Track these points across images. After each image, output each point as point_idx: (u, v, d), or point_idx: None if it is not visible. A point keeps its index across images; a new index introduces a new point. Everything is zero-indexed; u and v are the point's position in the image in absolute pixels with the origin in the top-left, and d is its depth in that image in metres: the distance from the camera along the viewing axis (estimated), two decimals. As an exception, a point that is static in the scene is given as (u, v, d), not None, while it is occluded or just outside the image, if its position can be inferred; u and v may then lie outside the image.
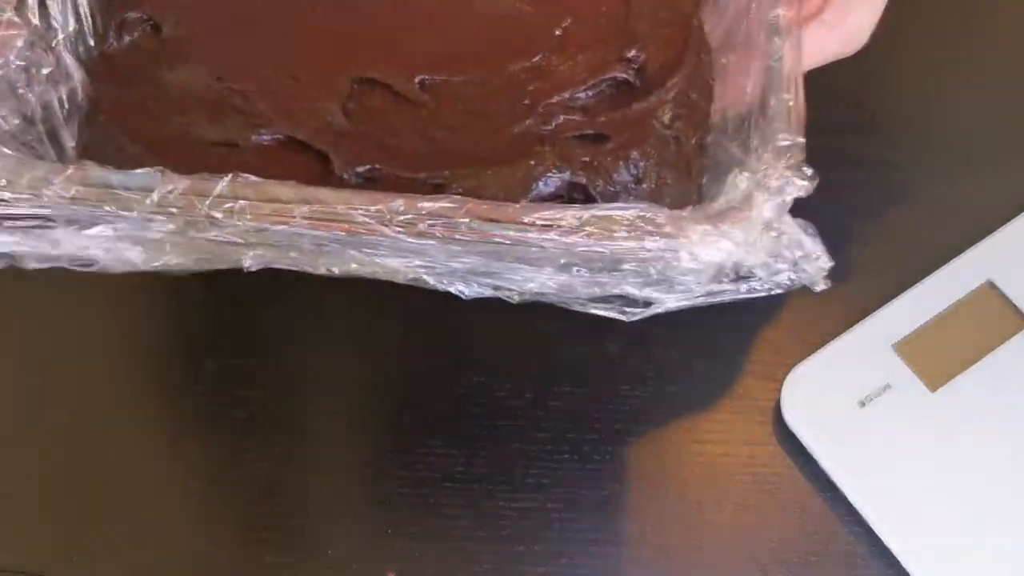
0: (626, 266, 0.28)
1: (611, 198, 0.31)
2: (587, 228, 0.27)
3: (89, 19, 0.36)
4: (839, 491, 0.45)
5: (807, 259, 0.30)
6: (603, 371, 0.48)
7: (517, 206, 0.28)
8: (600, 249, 0.27)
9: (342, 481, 0.47)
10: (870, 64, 0.56)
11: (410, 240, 0.27)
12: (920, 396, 0.46)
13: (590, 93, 0.33)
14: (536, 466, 0.46)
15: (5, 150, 0.29)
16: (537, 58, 0.34)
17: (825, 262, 0.30)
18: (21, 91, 0.32)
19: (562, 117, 0.33)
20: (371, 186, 0.32)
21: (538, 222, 0.27)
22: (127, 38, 0.36)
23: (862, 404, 0.46)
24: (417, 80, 0.34)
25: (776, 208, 0.28)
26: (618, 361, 0.48)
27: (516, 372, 0.48)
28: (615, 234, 0.27)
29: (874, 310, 0.48)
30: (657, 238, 0.27)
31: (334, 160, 0.33)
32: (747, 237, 0.27)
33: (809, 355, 0.47)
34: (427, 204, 0.28)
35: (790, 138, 0.29)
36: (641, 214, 0.27)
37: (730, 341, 0.50)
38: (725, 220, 0.27)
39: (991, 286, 0.48)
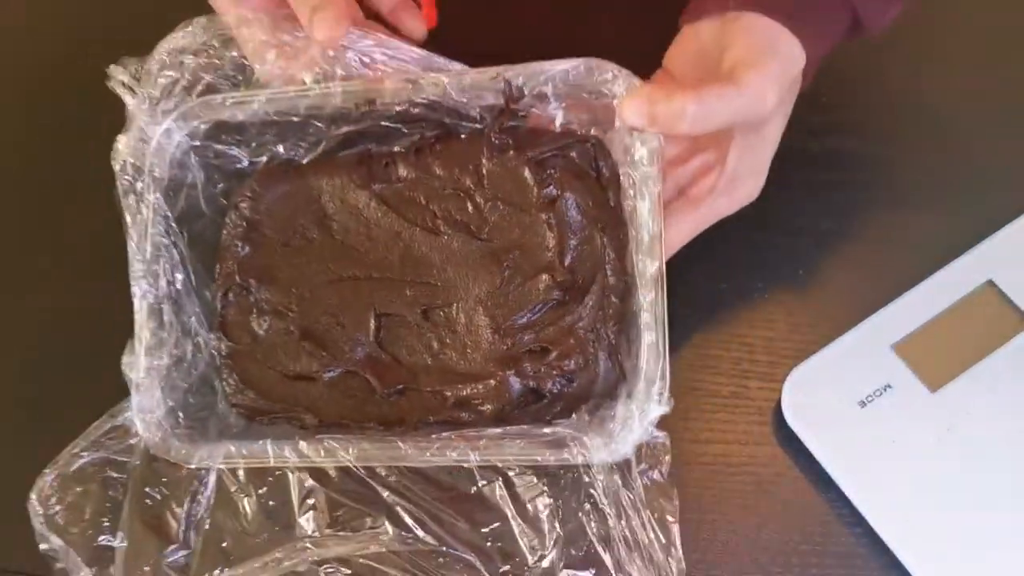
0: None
1: (557, 395, 0.44)
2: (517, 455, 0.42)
3: (199, 295, 0.48)
4: (839, 491, 0.45)
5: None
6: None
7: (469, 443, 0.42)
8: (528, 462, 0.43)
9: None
10: (871, 65, 0.56)
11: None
12: (920, 396, 0.46)
13: (536, 311, 0.46)
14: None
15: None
16: (497, 283, 0.46)
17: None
18: (179, 379, 0.45)
19: (517, 336, 0.45)
20: (400, 399, 0.46)
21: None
22: (229, 302, 0.48)
23: (862, 404, 0.46)
24: (419, 310, 0.47)
25: (644, 428, 0.40)
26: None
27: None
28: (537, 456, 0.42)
29: (874, 310, 0.48)
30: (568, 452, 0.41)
31: (375, 385, 0.46)
32: (622, 447, 0.41)
33: (809, 356, 0.47)
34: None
35: (655, 377, 0.40)
36: (564, 438, 0.42)
37: (730, 342, 0.50)
38: (613, 440, 0.41)
39: (991, 286, 0.48)
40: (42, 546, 0.44)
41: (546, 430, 0.43)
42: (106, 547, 0.44)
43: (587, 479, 0.43)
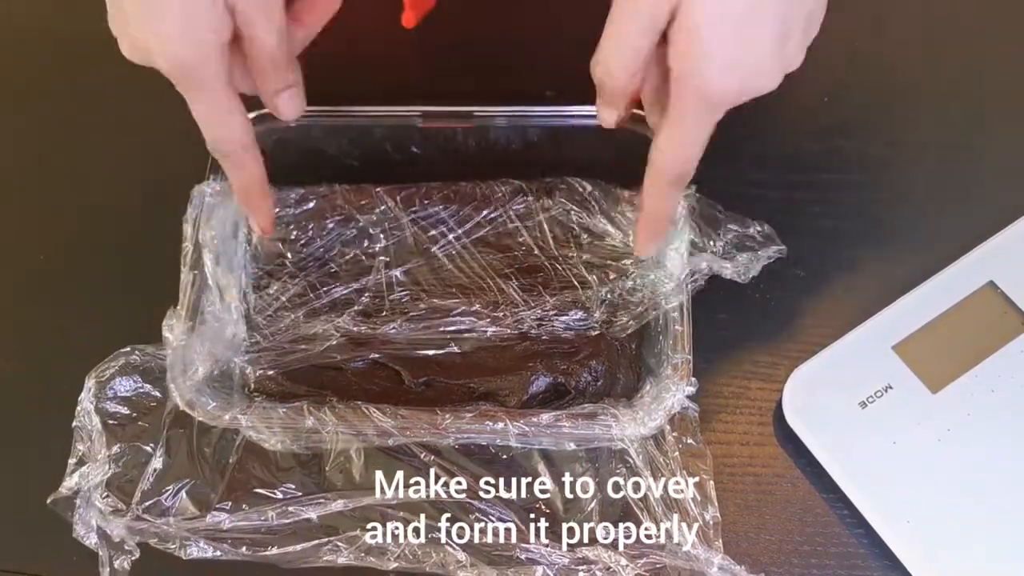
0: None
1: (581, 391, 0.47)
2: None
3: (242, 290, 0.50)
4: (840, 491, 0.45)
5: None
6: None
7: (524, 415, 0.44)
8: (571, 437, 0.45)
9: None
10: (871, 65, 0.56)
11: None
12: (921, 397, 0.46)
13: (564, 321, 0.49)
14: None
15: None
16: (529, 295, 0.50)
17: None
18: (218, 349, 0.47)
19: (547, 339, 0.49)
20: (426, 390, 0.48)
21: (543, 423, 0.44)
22: (263, 295, 0.51)
23: (863, 405, 0.46)
24: (451, 315, 0.50)
25: (672, 404, 0.43)
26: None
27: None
28: (577, 429, 0.43)
29: (875, 311, 0.48)
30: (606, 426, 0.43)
31: (404, 376, 0.48)
32: (655, 423, 0.43)
33: (810, 356, 0.47)
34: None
35: (680, 358, 0.44)
36: (596, 411, 0.44)
37: (731, 342, 0.50)
38: (648, 414, 0.43)
39: (992, 287, 0.48)
40: (75, 423, 0.45)
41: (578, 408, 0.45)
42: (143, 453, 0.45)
43: (623, 444, 0.44)
